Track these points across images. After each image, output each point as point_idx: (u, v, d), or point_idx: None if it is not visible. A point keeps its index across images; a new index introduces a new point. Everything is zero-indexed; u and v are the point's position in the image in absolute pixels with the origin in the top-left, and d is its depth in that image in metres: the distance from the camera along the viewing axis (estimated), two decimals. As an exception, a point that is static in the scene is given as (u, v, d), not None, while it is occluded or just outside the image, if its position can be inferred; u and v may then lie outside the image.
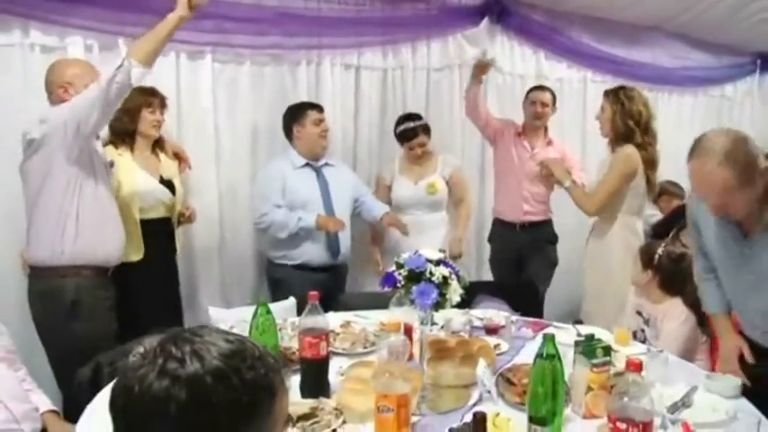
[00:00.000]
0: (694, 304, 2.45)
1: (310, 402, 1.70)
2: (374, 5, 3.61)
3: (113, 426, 0.87)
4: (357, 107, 3.69)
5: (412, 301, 1.70)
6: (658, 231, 3.64)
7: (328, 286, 3.03)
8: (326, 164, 3.25)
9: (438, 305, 1.72)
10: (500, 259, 3.84)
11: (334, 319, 2.28)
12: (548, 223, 3.75)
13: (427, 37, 3.86)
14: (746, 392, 1.83)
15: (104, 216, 2.41)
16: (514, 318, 2.49)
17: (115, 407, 0.85)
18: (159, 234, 2.83)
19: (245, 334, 2.28)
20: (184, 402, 0.80)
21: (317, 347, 1.77)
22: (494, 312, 2.53)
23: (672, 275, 2.54)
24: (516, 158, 3.67)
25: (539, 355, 1.48)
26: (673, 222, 3.82)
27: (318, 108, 3.20)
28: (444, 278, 1.71)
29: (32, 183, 2.32)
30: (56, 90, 2.33)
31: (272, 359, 0.88)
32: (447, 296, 1.71)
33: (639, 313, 2.72)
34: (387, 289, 1.79)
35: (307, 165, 3.17)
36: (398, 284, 1.71)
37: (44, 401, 1.98)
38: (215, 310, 2.66)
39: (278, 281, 3.21)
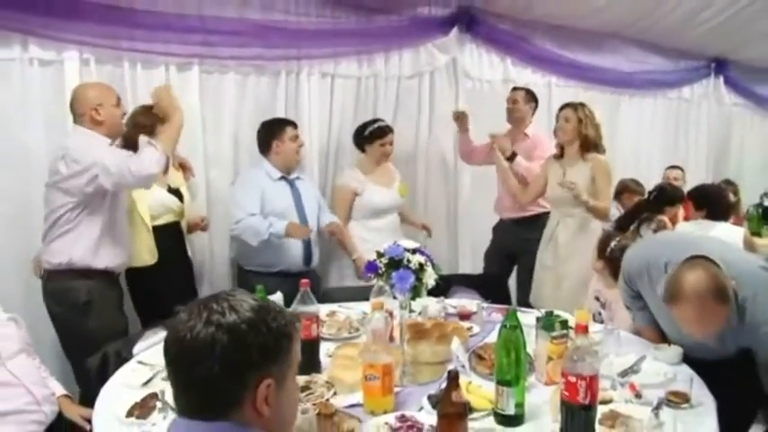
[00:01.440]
0: None
1: (304, 378, 1.91)
2: (350, 18, 3.83)
3: (168, 371, 1.08)
4: (332, 114, 3.88)
5: (392, 286, 1.91)
6: (621, 224, 3.87)
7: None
8: (298, 177, 3.41)
9: (415, 289, 1.93)
10: (494, 252, 4.12)
11: (320, 310, 2.48)
12: (541, 217, 3.82)
13: (399, 47, 4.08)
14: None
15: (116, 229, 2.62)
16: (485, 305, 2.73)
17: (169, 354, 1.07)
18: (170, 237, 3.05)
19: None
20: (226, 345, 1.02)
21: (309, 329, 1.98)
22: (466, 301, 2.76)
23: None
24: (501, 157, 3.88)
25: (503, 326, 1.70)
26: (634, 217, 4.10)
27: (293, 124, 3.36)
28: (420, 265, 1.93)
29: (53, 200, 2.50)
30: (88, 112, 2.51)
31: (288, 314, 1.12)
32: (423, 281, 1.93)
33: (597, 298, 2.97)
34: (368, 277, 2.00)
35: (282, 178, 3.33)
36: (380, 271, 1.93)
37: (58, 387, 2.15)
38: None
39: (252, 289, 3.32)
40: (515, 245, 3.96)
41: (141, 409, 1.75)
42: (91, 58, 3.03)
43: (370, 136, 3.63)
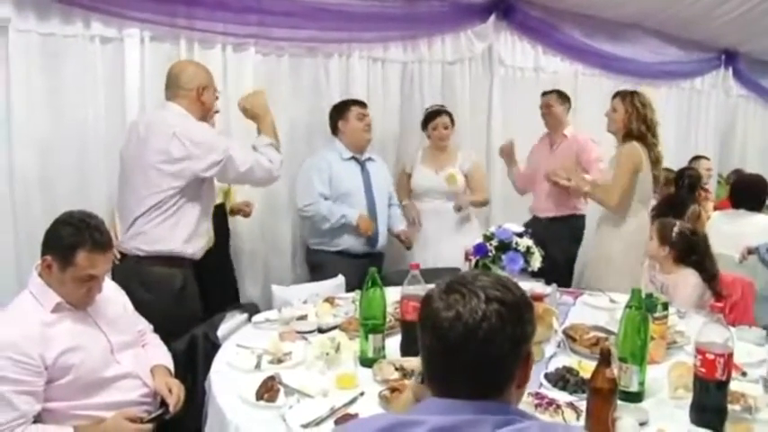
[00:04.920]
0: (708, 275, 2.81)
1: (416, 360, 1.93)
2: (396, 2, 3.84)
3: (442, 354, 1.04)
4: (383, 98, 3.91)
5: (503, 268, 1.95)
6: (662, 212, 3.93)
7: (366, 271, 3.13)
8: (369, 158, 3.45)
9: (524, 271, 1.98)
10: None
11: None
12: (574, 219, 3.91)
13: (442, 32, 4.10)
14: None
15: (206, 216, 2.58)
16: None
17: (453, 339, 1.02)
18: (216, 218, 2.99)
19: (318, 307, 2.51)
20: (511, 319, 1.02)
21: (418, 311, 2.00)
22: (535, 284, 2.81)
23: (687, 249, 2.85)
24: (540, 158, 3.95)
25: (628, 306, 1.75)
26: (671, 205, 4.19)
27: (361, 104, 3.41)
28: (527, 248, 1.97)
29: (156, 183, 2.38)
30: (195, 89, 2.47)
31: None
32: (531, 262, 1.98)
33: (652, 282, 3.05)
34: (472, 259, 2.04)
35: (352, 158, 3.37)
36: (489, 253, 1.97)
37: (158, 357, 2.12)
38: (277, 287, 2.86)
39: (317, 265, 3.37)
40: (547, 238, 3.96)
41: (268, 393, 1.76)
42: (151, 36, 3.01)
43: (425, 119, 3.69)
